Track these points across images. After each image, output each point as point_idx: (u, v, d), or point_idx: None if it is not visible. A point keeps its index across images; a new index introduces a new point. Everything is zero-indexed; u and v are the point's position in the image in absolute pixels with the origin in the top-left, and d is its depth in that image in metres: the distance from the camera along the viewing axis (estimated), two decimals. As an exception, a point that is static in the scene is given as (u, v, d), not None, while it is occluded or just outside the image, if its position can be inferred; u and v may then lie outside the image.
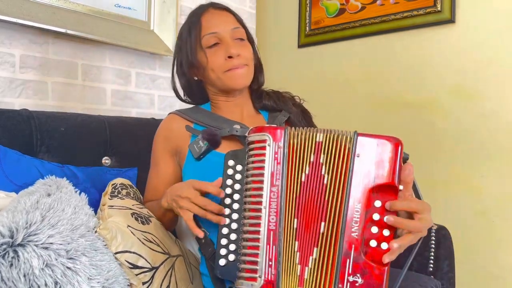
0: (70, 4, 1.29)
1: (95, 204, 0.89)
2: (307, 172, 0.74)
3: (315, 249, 0.72)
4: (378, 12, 1.76)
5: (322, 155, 0.74)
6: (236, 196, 0.79)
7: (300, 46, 2.04)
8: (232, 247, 0.77)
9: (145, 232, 0.85)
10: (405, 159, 0.73)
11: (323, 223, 0.72)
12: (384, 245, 0.69)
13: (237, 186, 0.79)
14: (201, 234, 0.81)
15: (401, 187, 0.71)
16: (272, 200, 0.74)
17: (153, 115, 1.48)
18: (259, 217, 0.74)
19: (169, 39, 1.56)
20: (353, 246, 0.69)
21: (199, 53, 0.97)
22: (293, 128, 0.78)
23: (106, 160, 1.18)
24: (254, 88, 1.07)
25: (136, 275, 0.80)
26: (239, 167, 0.80)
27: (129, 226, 0.83)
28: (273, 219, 0.73)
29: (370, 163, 0.71)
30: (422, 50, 1.66)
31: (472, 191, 1.54)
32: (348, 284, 0.69)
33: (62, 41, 1.30)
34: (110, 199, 0.90)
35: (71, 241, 0.70)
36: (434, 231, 0.85)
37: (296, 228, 0.73)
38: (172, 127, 1.03)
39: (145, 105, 1.55)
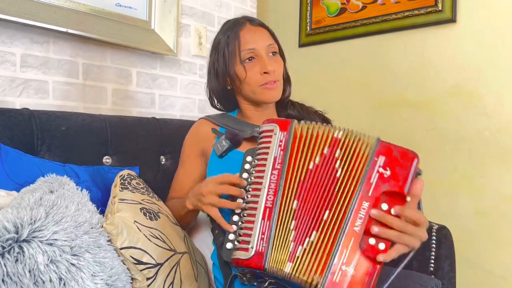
0: (71, 4, 1.29)
1: (96, 203, 0.89)
2: (317, 161, 0.80)
3: (314, 232, 0.76)
4: (379, 11, 1.76)
5: (338, 150, 0.79)
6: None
7: (301, 45, 2.04)
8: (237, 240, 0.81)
9: (152, 228, 0.86)
10: (418, 174, 0.77)
11: (327, 211, 0.76)
12: (381, 245, 0.72)
13: (250, 180, 0.85)
14: (231, 229, 0.84)
15: (408, 198, 0.75)
16: (271, 182, 0.80)
17: (154, 115, 1.48)
18: (257, 196, 0.80)
19: (170, 39, 1.56)
20: (352, 238, 0.73)
21: (237, 66, 1.03)
22: (303, 121, 0.84)
23: (107, 159, 1.18)
24: (280, 98, 1.11)
25: (141, 270, 0.80)
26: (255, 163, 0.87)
27: (136, 221, 0.83)
28: (270, 197, 0.79)
29: (386, 169, 0.75)
30: (423, 50, 1.66)
31: (472, 191, 1.54)
32: (340, 272, 0.72)
33: (63, 41, 1.30)
34: (121, 190, 0.91)
35: (75, 238, 0.71)
36: (435, 231, 0.87)
37: (295, 209, 0.78)
38: (200, 130, 1.12)
39: (146, 105, 1.55)
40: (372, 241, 0.72)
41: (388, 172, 0.75)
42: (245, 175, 0.87)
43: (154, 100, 1.58)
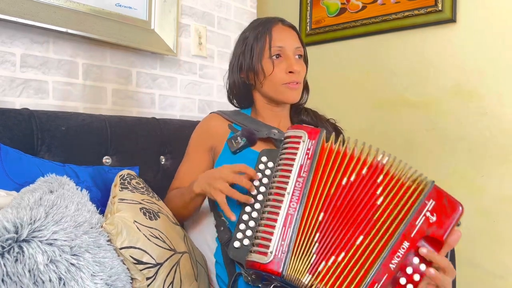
0: (71, 4, 1.29)
1: (96, 203, 0.89)
2: (351, 179, 0.79)
3: (342, 253, 0.75)
4: (379, 11, 1.76)
5: (381, 176, 0.78)
6: (262, 189, 0.85)
7: (301, 45, 2.04)
8: (249, 233, 0.82)
9: (152, 228, 0.86)
10: (458, 224, 0.77)
11: (361, 237, 0.75)
12: (410, 286, 0.72)
13: (264, 180, 0.86)
14: (233, 217, 0.84)
15: None
16: (296, 189, 0.78)
17: (154, 115, 1.48)
18: (281, 201, 0.78)
19: (170, 39, 1.56)
20: (386, 274, 0.72)
21: (265, 60, 1.03)
22: (332, 134, 0.85)
23: (107, 160, 1.18)
24: (296, 103, 1.13)
25: (140, 270, 0.80)
26: (270, 164, 0.87)
27: (135, 221, 0.83)
28: (293, 205, 0.77)
29: (433, 214, 0.75)
30: (423, 50, 1.66)
31: (472, 191, 1.54)
32: None
33: (63, 41, 1.30)
34: (121, 190, 0.91)
35: (75, 238, 0.71)
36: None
37: (321, 221, 0.77)
38: (211, 125, 1.11)
39: (146, 105, 1.55)
40: (403, 281, 0.72)
41: (434, 218, 0.75)
42: (258, 174, 0.87)
43: (154, 100, 1.58)
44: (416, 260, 0.73)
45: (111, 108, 1.43)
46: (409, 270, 0.72)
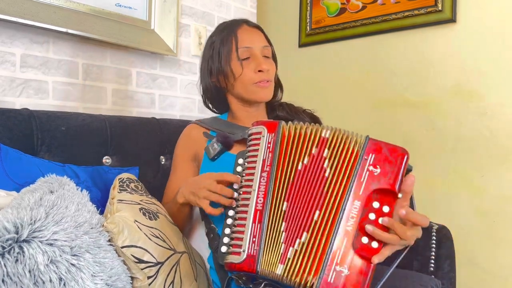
0: (71, 4, 1.29)
1: (96, 203, 0.89)
2: (305, 162, 0.80)
3: (304, 233, 0.75)
4: (379, 11, 1.76)
5: (326, 150, 0.79)
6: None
7: (301, 45, 2.04)
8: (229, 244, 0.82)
9: (152, 227, 0.87)
10: (408, 170, 0.77)
11: (318, 212, 0.76)
12: (374, 244, 0.72)
13: (242, 182, 0.85)
14: (217, 212, 0.85)
15: (400, 195, 0.74)
16: (261, 184, 0.80)
17: (154, 115, 1.48)
18: (248, 199, 0.80)
19: (170, 39, 1.56)
20: (345, 238, 0.73)
21: (233, 62, 1.05)
22: (291, 122, 0.85)
23: (107, 160, 1.18)
24: (270, 101, 1.14)
25: (142, 269, 0.81)
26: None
27: (136, 221, 0.84)
28: (260, 200, 0.79)
29: (376, 167, 0.75)
30: (423, 50, 1.66)
31: (472, 191, 1.54)
32: (334, 273, 0.71)
33: (62, 41, 1.30)
34: (119, 192, 0.91)
35: (75, 238, 0.71)
36: (435, 231, 0.87)
37: (285, 211, 0.78)
38: (191, 135, 1.13)
39: (146, 105, 1.55)
40: (365, 240, 0.72)
41: (378, 170, 0.75)
42: (237, 177, 0.87)
43: (154, 100, 1.57)
44: (372, 216, 0.73)
45: (111, 108, 1.43)
46: (368, 228, 0.72)
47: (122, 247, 0.79)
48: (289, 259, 0.75)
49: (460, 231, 1.46)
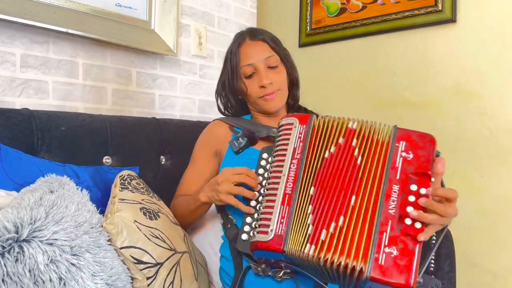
0: (71, 4, 1.29)
1: (96, 203, 0.89)
2: (332, 150, 0.84)
3: (341, 217, 0.78)
4: (379, 11, 1.76)
5: (355, 140, 0.84)
6: (265, 184, 0.90)
7: (301, 45, 2.04)
8: (255, 225, 0.85)
9: (152, 227, 0.87)
10: (436, 155, 0.81)
11: (354, 197, 0.79)
12: (418, 225, 0.74)
13: (267, 175, 0.90)
14: (252, 210, 0.89)
15: (433, 178, 0.78)
16: (291, 170, 0.84)
17: (154, 115, 1.48)
18: (277, 183, 0.84)
19: (170, 39, 1.56)
20: (390, 221, 0.76)
21: (239, 81, 1.11)
22: (321, 115, 0.90)
23: (107, 160, 1.18)
24: (290, 103, 1.20)
25: (141, 270, 0.80)
26: (271, 159, 0.91)
27: (136, 221, 0.84)
28: (290, 185, 0.83)
29: (408, 153, 0.80)
30: (423, 50, 1.66)
31: (472, 191, 1.54)
32: (384, 254, 0.74)
33: (63, 41, 1.30)
34: (121, 190, 0.91)
35: (75, 238, 0.71)
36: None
37: (312, 195, 0.82)
38: (215, 130, 1.17)
39: (146, 105, 1.55)
40: (408, 221, 0.75)
41: (411, 155, 0.79)
42: (261, 171, 0.92)
43: (154, 100, 1.58)
44: (412, 198, 0.76)
45: (111, 108, 1.43)
46: (409, 209, 0.75)
47: (121, 248, 0.79)
48: (323, 241, 0.77)
49: (460, 231, 1.46)
